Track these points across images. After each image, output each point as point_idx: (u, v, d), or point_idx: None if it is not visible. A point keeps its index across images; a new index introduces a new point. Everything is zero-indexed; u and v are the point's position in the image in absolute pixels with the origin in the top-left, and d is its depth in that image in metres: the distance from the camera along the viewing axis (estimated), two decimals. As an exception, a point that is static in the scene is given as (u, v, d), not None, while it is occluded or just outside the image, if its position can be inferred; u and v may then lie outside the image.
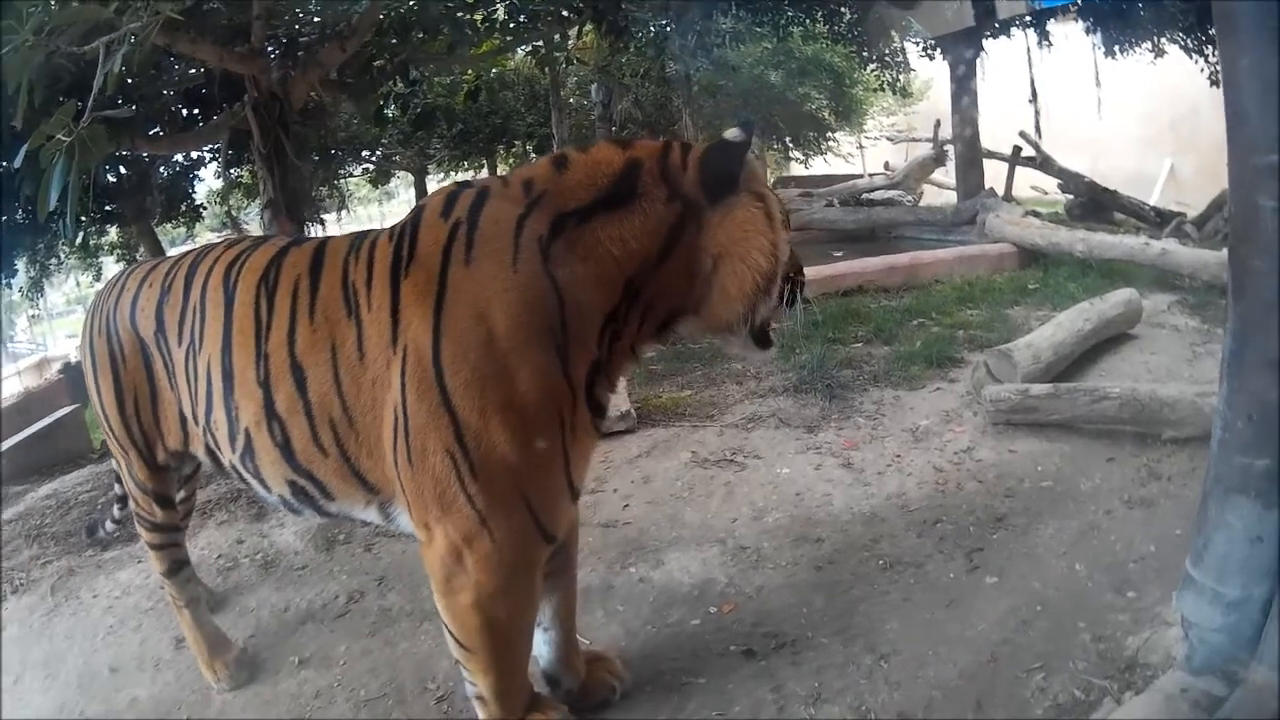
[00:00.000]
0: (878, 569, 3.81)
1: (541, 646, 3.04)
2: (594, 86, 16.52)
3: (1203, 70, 13.17)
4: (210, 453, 2.96)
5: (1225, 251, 2.84)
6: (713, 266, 2.44)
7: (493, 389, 2.28)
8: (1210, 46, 12.61)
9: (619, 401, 5.54)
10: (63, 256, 13.95)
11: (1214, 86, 12.69)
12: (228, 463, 2.87)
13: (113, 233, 13.97)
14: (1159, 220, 12.44)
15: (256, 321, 2.66)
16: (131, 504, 3.50)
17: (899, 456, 4.91)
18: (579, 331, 2.37)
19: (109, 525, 4.35)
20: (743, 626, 3.47)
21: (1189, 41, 13.38)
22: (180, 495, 3.66)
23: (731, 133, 2.50)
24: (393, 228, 2.62)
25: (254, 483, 2.83)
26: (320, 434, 2.56)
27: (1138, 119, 18.36)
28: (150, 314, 2.99)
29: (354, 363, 2.47)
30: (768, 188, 2.58)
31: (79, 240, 12.37)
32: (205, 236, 17.71)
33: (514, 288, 2.30)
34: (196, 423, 2.91)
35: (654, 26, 11.57)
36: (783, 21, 15.09)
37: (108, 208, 11.55)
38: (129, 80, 6.83)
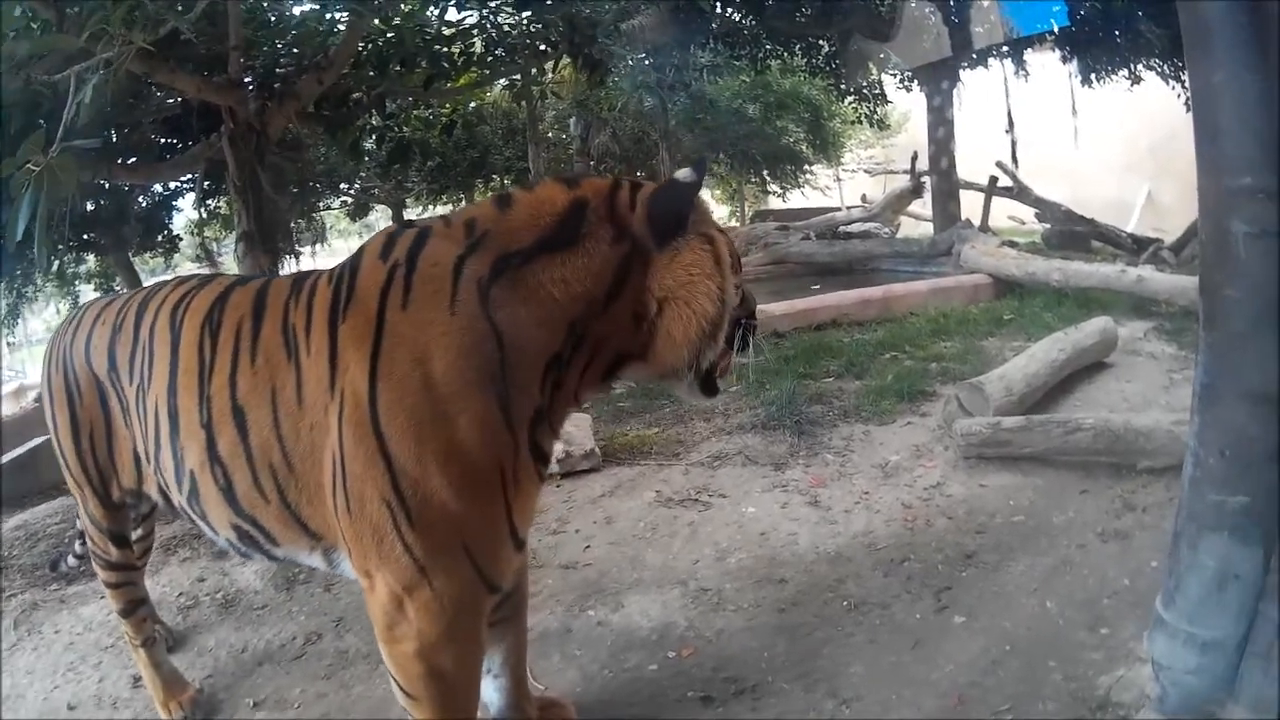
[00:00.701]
0: (842, 610, 3.72)
1: (491, 694, 2.98)
2: (572, 120, 16.58)
3: (1179, 95, 13.23)
4: (162, 492, 2.91)
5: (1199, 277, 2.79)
6: (658, 310, 2.37)
7: (430, 436, 2.20)
8: (1185, 72, 12.65)
9: (583, 440, 5.50)
10: (40, 283, 13.88)
11: (1190, 111, 12.76)
12: (178, 504, 2.81)
13: (91, 261, 13.94)
14: (1136, 247, 12.49)
15: (200, 362, 2.60)
16: (88, 542, 3.44)
17: (867, 493, 4.84)
18: (520, 376, 2.29)
19: (71, 560, 4.27)
20: (702, 671, 3.38)
21: (1165, 67, 13.46)
22: (138, 534, 3.58)
23: (682, 173, 2.45)
24: (333, 269, 2.56)
25: (202, 525, 2.76)
26: (261, 479, 2.49)
27: (1115, 146, 18.50)
28: (103, 351, 2.94)
29: (293, 408, 2.41)
30: (718, 229, 2.53)
31: (54, 269, 12.32)
32: (185, 267, 17.68)
33: (452, 331, 2.23)
34: (148, 461, 2.85)
35: (631, 60, 11.59)
36: (760, 55, 15.17)
37: (85, 236, 11.50)
38: (108, 109, 6.83)
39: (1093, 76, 14.28)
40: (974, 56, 14.36)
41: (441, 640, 2.32)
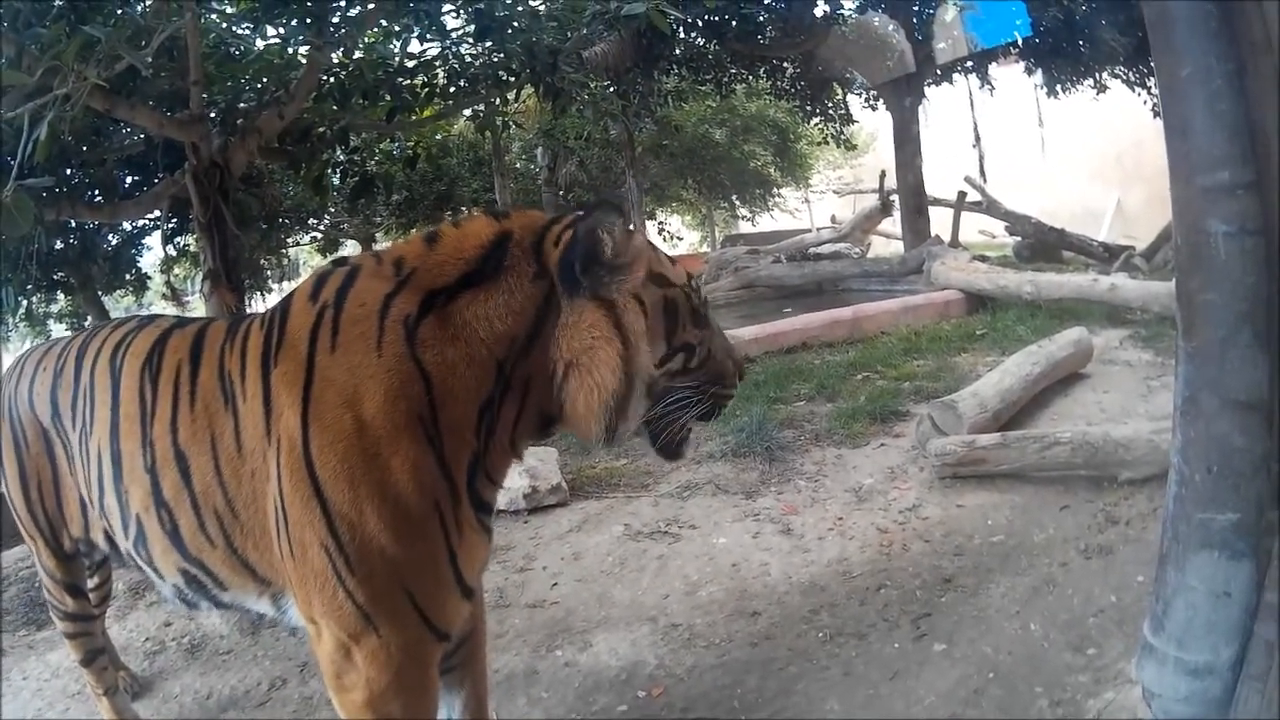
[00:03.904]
0: (817, 642, 3.62)
1: None
2: (539, 150, 16.59)
3: (1145, 102, 13.35)
4: (109, 539, 2.85)
5: (1174, 282, 2.70)
6: (564, 375, 2.26)
7: (363, 479, 2.13)
8: (1152, 78, 12.79)
9: (550, 474, 5.41)
10: (11, 324, 13.80)
11: (1157, 118, 12.89)
12: (124, 550, 2.75)
13: (62, 301, 13.87)
14: (1107, 255, 12.55)
15: (141, 406, 2.56)
16: (45, 592, 3.40)
17: (841, 519, 4.75)
18: (451, 420, 2.20)
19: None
20: (672, 711, 3.29)
21: (1130, 75, 13.57)
22: (94, 582, 3.59)
23: (597, 213, 2.25)
24: (266, 312, 2.51)
25: (149, 571, 2.70)
26: (207, 523, 2.43)
27: (1083, 156, 18.67)
28: (45, 398, 2.90)
29: (233, 454, 2.36)
30: (666, 279, 2.38)
31: (24, 309, 12.25)
32: (156, 304, 17.57)
33: (379, 374, 2.16)
34: (93, 507, 2.80)
35: (595, 87, 11.57)
36: (725, 79, 15.19)
37: (54, 276, 11.43)
38: (70, 146, 6.76)
39: (1058, 87, 14.42)
40: (938, 72, 14.46)
41: (391, 689, 2.25)
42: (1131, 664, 2.89)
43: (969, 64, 14.72)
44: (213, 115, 7.77)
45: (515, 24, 8.22)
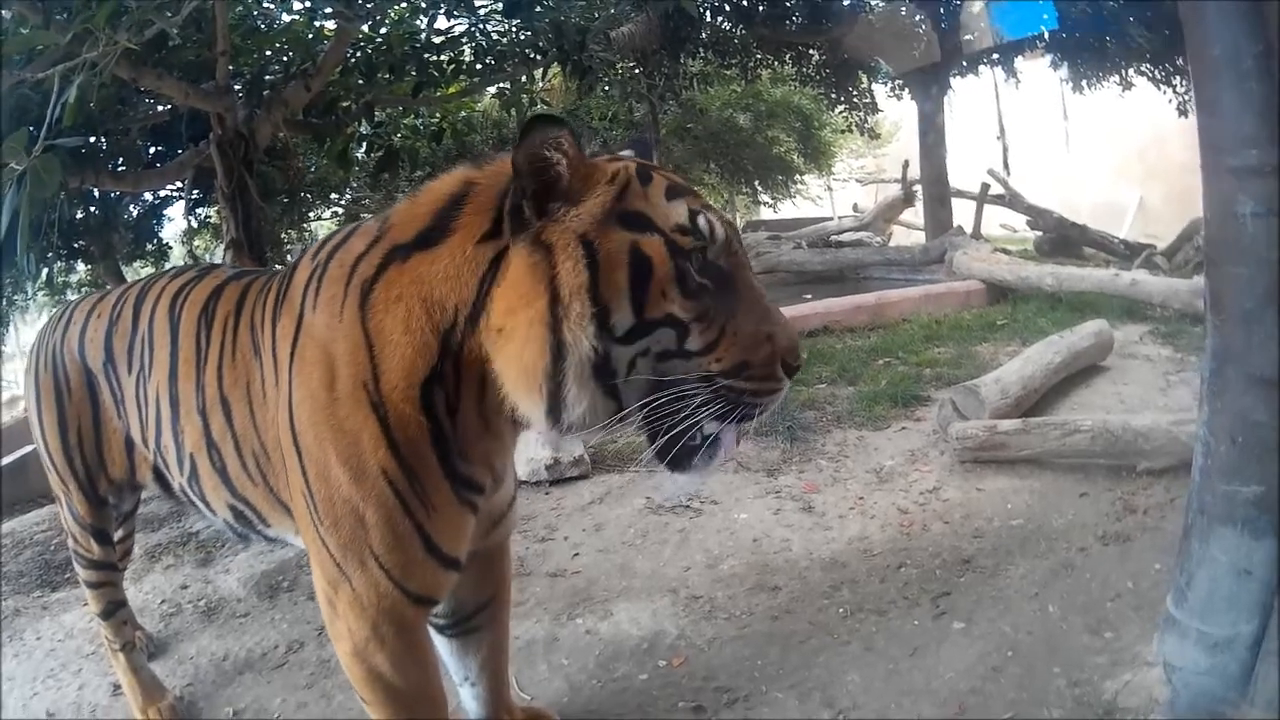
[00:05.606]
0: (837, 617, 3.64)
1: (470, 701, 2.95)
2: (564, 130, 16.55)
3: (1170, 100, 13.27)
4: (159, 477, 2.96)
5: (1196, 280, 2.72)
6: (494, 345, 1.96)
7: (325, 436, 2.15)
8: (1177, 76, 12.73)
9: (572, 446, 5.38)
10: (30, 292, 13.81)
11: (1182, 116, 12.83)
12: (177, 486, 2.86)
13: (81, 270, 13.89)
14: (1128, 253, 12.49)
15: (197, 352, 2.65)
16: (70, 541, 3.45)
17: (862, 499, 4.77)
18: (393, 391, 2.08)
19: None
20: (693, 681, 3.31)
21: (1156, 72, 13.47)
22: (119, 534, 3.61)
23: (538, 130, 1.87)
24: (285, 268, 2.56)
25: (201, 506, 2.80)
26: (248, 464, 2.53)
27: (1107, 152, 18.53)
28: (99, 344, 2.98)
29: (260, 401, 2.43)
30: (631, 215, 1.88)
31: (44, 277, 12.27)
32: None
33: (338, 337, 2.12)
34: (146, 446, 2.89)
35: (621, 68, 11.54)
36: (751, 64, 15.15)
37: (75, 245, 11.45)
38: (95, 114, 6.79)
39: (1083, 82, 14.33)
40: (964, 63, 14.41)
41: (371, 643, 2.29)
42: (1150, 645, 2.92)
43: (995, 56, 14.68)
44: (239, 87, 7.79)
45: (543, 2, 8.22)
